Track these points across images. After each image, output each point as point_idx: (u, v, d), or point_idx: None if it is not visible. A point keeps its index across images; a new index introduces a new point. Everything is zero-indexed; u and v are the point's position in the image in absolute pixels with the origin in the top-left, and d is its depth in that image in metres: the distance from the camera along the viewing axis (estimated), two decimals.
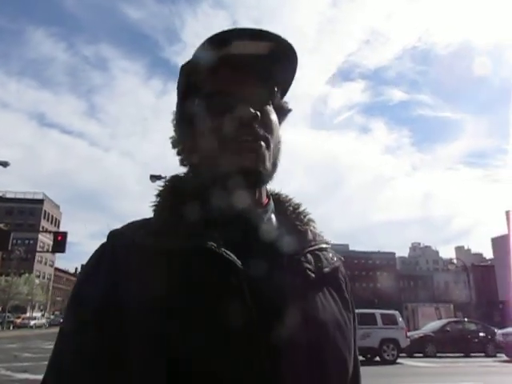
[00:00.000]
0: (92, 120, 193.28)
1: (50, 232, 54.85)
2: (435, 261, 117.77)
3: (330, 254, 0.76)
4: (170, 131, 0.78)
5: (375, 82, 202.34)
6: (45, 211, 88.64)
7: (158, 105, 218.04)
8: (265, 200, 0.75)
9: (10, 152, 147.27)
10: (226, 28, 0.67)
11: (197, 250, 0.62)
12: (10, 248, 27.97)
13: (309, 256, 0.71)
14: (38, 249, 76.56)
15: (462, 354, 17.76)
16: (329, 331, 0.66)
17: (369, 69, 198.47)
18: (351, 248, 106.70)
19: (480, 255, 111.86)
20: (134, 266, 0.62)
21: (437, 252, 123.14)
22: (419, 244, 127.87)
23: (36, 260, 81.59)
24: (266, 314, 0.59)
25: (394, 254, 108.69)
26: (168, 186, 0.74)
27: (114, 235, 0.69)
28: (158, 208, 0.71)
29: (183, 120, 0.74)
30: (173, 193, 0.72)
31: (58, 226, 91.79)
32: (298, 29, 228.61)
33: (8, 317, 44.43)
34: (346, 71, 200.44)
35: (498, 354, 17.36)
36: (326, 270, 0.72)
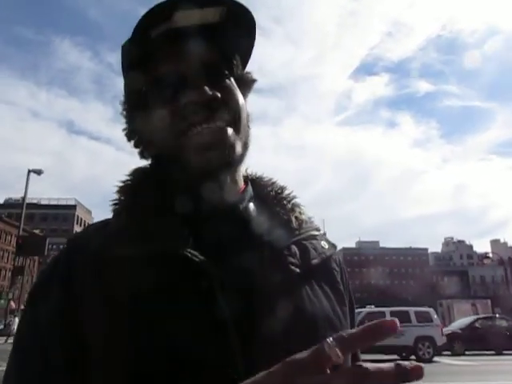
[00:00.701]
0: (118, 125, 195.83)
1: None
2: (470, 255, 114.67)
3: (322, 242, 0.68)
4: None
5: (400, 75, 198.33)
6: (77, 216, 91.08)
7: None
8: (241, 187, 0.68)
9: (41, 160, 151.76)
10: None
11: (157, 254, 0.55)
12: (46, 253, 28.89)
13: (293, 248, 0.63)
14: None
15: (492, 352, 17.03)
16: (318, 330, 0.58)
17: (392, 61, 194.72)
18: (382, 245, 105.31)
19: None
20: (89, 275, 0.57)
21: (471, 246, 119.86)
22: (452, 239, 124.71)
23: None
24: (241, 317, 0.53)
25: (426, 249, 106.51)
26: (128, 182, 0.67)
27: (70, 241, 0.65)
28: (118, 207, 0.64)
29: (133, 108, 0.67)
30: (133, 190, 0.65)
31: None
32: (319, 24, 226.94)
33: None
34: (369, 65, 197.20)
35: None
36: (315, 261, 0.64)
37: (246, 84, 0.69)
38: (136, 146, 0.70)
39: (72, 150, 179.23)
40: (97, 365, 0.53)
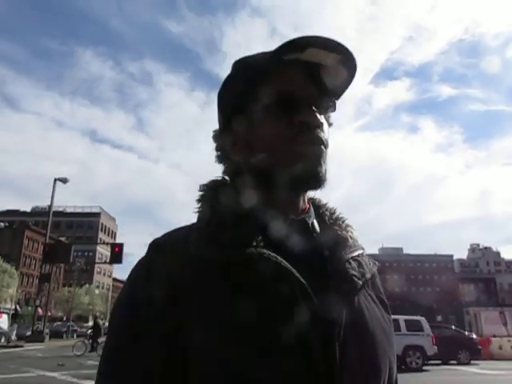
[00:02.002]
0: (140, 134, 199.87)
1: (107, 244, 57.17)
2: (497, 262, 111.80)
3: (367, 259, 0.76)
4: (210, 142, 0.76)
5: (421, 79, 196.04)
6: (102, 224, 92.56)
7: (201, 116, 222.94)
8: (307, 205, 0.75)
9: (65, 168, 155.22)
10: (284, 39, 0.67)
11: (252, 259, 0.61)
12: (71, 260, 29.45)
13: (352, 262, 0.71)
14: (97, 260, 79.83)
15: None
16: (377, 338, 0.67)
17: (413, 66, 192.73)
18: (405, 251, 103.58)
19: None
20: (191, 280, 0.61)
21: (498, 253, 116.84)
22: (478, 245, 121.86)
23: (95, 271, 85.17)
24: (320, 323, 0.60)
25: (451, 256, 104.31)
26: (210, 191, 0.73)
27: (158, 244, 0.67)
28: (202, 214, 0.70)
29: (237, 112, 0.73)
30: (216, 198, 0.70)
31: (115, 238, 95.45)
32: (338, 29, 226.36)
33: (72, 326, 46.50)
34: (390, 70, 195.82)
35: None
36: (368, 275, 0.72)
37: (332, 109, 0.76)
38: (221, 149, 0.76)
39: (95, 158, 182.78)
40: (197, 370, 0.58)
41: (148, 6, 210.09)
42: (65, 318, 57.26)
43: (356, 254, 0.73)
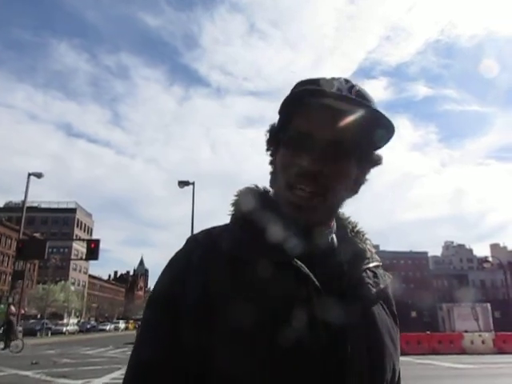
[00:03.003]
0: (117, 128, 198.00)
1: (83, 240, 56.17)
2: (469, 259, 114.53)
3: (382, 272, 0.81)
4: (188, 137, 0.86)
5: (398, 79, 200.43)
6: (78, 220, 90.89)
7: (179, 111, 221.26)
8: (331, 221, 0.81)
9: (40, 163, 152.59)
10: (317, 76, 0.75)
11: (282, 263, 0.68)
12: (46, 256, 28.84)
13: (368, 272, 0.77)
14: (73, 257, 78.60)
15: None
16: (385, 344, 0.73)
17: (390, 65, 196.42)
18: (382, 248, 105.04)
19: None
20: (222, 275, 0.68)
21: (471, 250, 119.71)
22: (452, 243, 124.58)
23: (71, 268, 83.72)
24: (333, 328, 0.65)
25: (426, 253, 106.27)
26: (244, 197, 0.81)
27: (197, 240, 0.75)
28: (235, 216, 0.79)
29: (275, 145, 0.81)
30: (251, 203, 0.78)
31: (91, 234, 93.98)
32: (317, 28, 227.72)
33: (46, 323, 45.62)
34: (368, 69, 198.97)
35: None
36: (382, 286, 0.77)
37: (370, 161, 0.81)
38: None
39: (70, 152, 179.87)
40: (220, 367, 0.63)
41: None
42: (39, 316, 56.14)
43: (372, 265, 0.80)
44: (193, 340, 0.64)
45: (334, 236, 0.81)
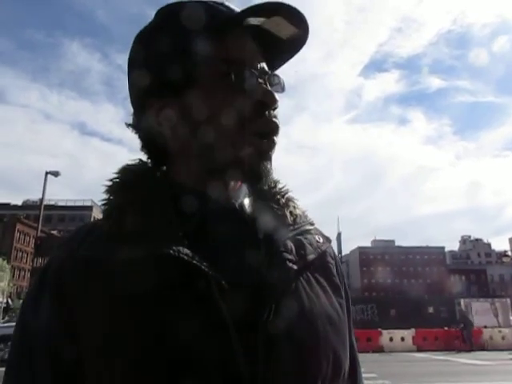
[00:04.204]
0: (130, 127, 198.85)
1: None
2: (488, 254, 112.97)
3: (316, 237, 0.67)
4: None
5: (410, 71, 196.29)
6: (94, 217, 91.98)
7: None
8: (238, 183, 0.66)
9: (55, 161, 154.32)
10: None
11: (151, 256, 0.53)
12: None
13: (289, 244, 0.62)
14: None
15: None
16: (318, 328, 0.58)
17: (402, 57, 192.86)
18: (397, 243, 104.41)
19: None
20: (81, 279, 0.54)
21: (489, 244, 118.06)
22: (469, 237, 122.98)
23: None
24: (242, 317, 0.52)
25: (443, 248, 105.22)
26: (118, 181, 0.63)
27: (59, 247, 0.61)
28: (108, 207, 0.60)
29: (171, 81, 0.60)
30: (125, 189, 0.61)
31: None
32: (327, 21, 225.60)
33: None
34: (379, 61, 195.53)
35: None
36: (311, 256, 0.63)
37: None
38: (142, 130, 0.66)
39: (85, 151, 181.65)
40: (92, 373, 0.52)
41: None
42: None
43: (295, 233, 0.64)
44: (50, 374, 0.53)
45: (245, 201, 0.65)
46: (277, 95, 0.60)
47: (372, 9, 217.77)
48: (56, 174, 28.96)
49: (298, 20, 0.60)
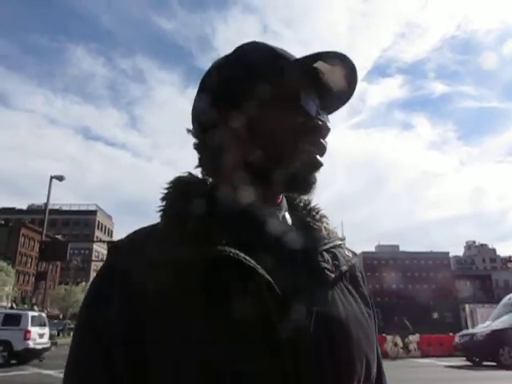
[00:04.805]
0: (134, 131, 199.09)
1: (103, 242, 56.98)
2: (492, 259, 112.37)
3: (345, 251, 0.73)
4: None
5: (414, 76, 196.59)
6: (98, 222, 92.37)
7: None
8: (279, 198, 0.72)
9: (59, 166, 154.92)
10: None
11: (215, 259, 0.58)
12: (67, 258, 29.38)
13: (325, 255, 0.68)
14: (94, 258, 79.70)
15: None
16: (352, 333, 0.63)
17: (406, 62, 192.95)
18: (402, 248, 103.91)
19: None
20: (149, 280, 0.58)
21: (494, 250, 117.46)
22: (474, 242, 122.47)
23: (92, 269, 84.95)
24: (288, 319, 0.57)
25: (447, 253, 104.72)
26: (175, 188, 0.69)
27: (119, 249, 0.65)
28: (166, 213, 0.66)
29: (238, 104, 0.68)
30: (181, 195, 0.67)
31: (111, 236, 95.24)
32: (330, 26, 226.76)
33: (68, 324, 46.40)
34: (383, 67, 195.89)
35: None
36: (344, 267, 0.69)
37: None
38: (200, 143, 0.73)
39: (89, 155, 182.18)
40: (158, 372, 0.56)
41: (139, 2, 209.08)
42: (61, 316, 57.12)
43: (330, 245, 0.70)
44: (124, 361, 0.57)
45: (286, 215, 0.72)
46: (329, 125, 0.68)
47: (375, 14, 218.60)
48: (60, 178, 29.09)
49: (352, 77, 0.69)
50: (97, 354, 0.58)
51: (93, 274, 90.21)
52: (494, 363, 13.03)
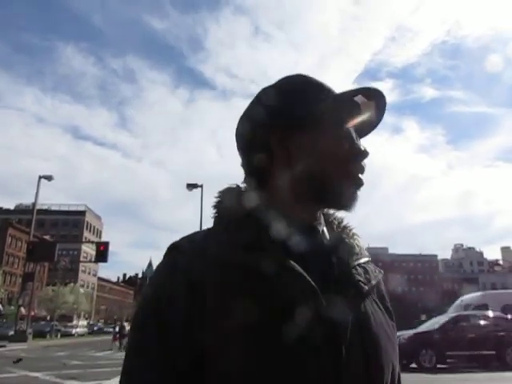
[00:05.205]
0: (124, 131, 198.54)
1: (92, 242, 56.54)
2: (480, 262, 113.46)
3: (372, 267, 0.79)
4: (194, 140, 0.76)
5: (404, 80, 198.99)
6: (87, 222, 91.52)
7: (185, 113, 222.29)
8: (318, 214, 0.78)
9: (48, 165, 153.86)
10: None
11: (267, 263, 0.63)
12: (55, 259, 29.05)
13: (359, 268, 0.74)
14: (82, 259, 79.00)
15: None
16: (381, 342, 0.69)
17: (396, 67, 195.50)
18: (391, 251, 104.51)
19: None
20: (212, 278, 0.63)
21: (481, 253, 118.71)
22: (462, 245, 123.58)
23: (80, 270, 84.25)
24: (328, 324, 0.62)
25: (436, 256, 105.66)
26: (229, 197, 0.76)
27: (178, 246, 0.69)
28: (223, 219, 0.73)
29: (295, 127, 0.74)
30: (235, 203, 0.73)
31: (100, 237, 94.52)
32: (322, 29, 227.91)
33: (56, 325, 45.91)
34: (374, 70, 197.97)
35: None
36: (373, 282, 0.75)
37: None
38: (251, 160, 0.77)
39: (78, 155, 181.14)
40: (212, 368, 0.60)
41: (131, 2, 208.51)
42: (48, 318, 56.52)
43: (362, 261, 0.76)
44: (186, 350, 0.61)
45: (325, 229, 0.78)
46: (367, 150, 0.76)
47: (367, 17, 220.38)
48: (49, 178, 28.76)
49: (382, 110, 0.78)
50: (160, 349, 0.62)
51: (81, 275, 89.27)
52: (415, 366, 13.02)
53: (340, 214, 0.84)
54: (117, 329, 27.15)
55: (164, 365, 0.61)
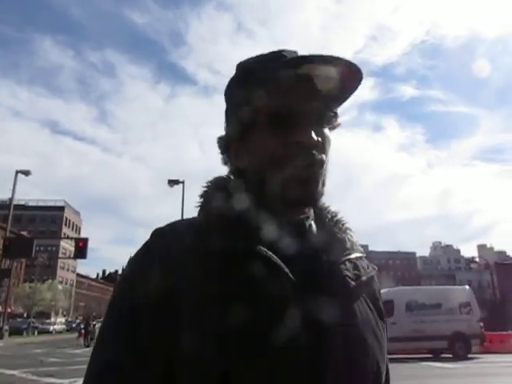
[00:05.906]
0: (103, 126, 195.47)
1: (71, 238, 55.72)
2: (457, 260, 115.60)
3: (365, 263, 0.77)
4: (175, 136, 0.74)
5: (384, 79, 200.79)
6: (66, 218, 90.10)
7: (166, 109, 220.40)
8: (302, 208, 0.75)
9: (26, 161, 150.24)
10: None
11: (248, 253, 0.62)
12: (33, 255, 28.55)
13: (348, 264, 0.72)
14: (61, 255, 77.93)
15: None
16: (367, 341, 0.67)
17: (377, 65, 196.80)
18: (370, 248, 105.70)
19: (504, 253, 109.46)
20: (187, 266, 0.62)
21: (458, 251, 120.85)
22: (440, 243, 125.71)
23: (59, 266, 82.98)
24: (310, 322, 0.60)
25: (414, 253, 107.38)
26: (213, 187, 0.75)
27: (162, 233, 0.69)
28: (204, 209, 0.72)
29: (243, 123, 0.72)
30: (220, 192, 0.72)
31: (79, 233, 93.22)
32: (304, 26, 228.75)
33: (33, 322, 45.18)
34: None
35: None
36: (364, 278, 0.72)
37: (333, 128, 0.76)
38: (222, 152, 0.77)
39: (57, 150, 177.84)
40: (184, 361, 0.58)
41: None
42: (25, 315, 55.54)
43: (353, 256, 0.74)
44: (158, 336, 0.60)
45: (312, 223, 0.75)
46: (314, 135, 0.68)
47: (348, 16, 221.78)
48: (27, 173, 28.25)
49: (327, 60, 0.66)
50: (133, 326, 0.61)
51: (60, 272, 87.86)
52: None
53: (333, 207, 0.81)
54: (82, 325, 26.95)
55: (134, 335, 0.60)
